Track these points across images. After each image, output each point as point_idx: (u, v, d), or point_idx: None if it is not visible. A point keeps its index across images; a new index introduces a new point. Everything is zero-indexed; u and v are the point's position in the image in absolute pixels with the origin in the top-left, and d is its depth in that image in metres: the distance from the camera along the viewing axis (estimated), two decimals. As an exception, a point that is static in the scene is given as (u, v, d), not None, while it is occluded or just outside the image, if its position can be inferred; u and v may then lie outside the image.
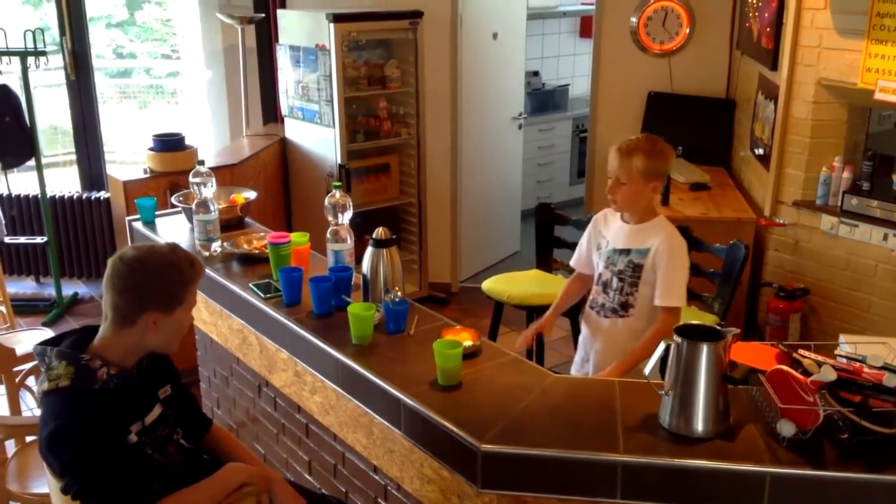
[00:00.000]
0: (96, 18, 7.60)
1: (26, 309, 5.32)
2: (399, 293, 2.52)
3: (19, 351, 3.50)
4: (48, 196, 5.31)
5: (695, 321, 2.04)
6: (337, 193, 2.76)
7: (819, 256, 4.08)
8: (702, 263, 3.78)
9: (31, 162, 5.17)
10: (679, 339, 1.94)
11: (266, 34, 5.55)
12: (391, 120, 5.27)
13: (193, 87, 6.47)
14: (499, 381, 2.21)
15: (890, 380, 1.84)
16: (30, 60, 4.93)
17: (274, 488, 2.24)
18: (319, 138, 5.10)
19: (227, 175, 4.49)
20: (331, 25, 4.74)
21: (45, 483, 2.38)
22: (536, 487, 1.93)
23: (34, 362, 3.41)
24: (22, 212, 5.62)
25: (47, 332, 3.91)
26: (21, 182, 5.81)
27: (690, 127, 5.22)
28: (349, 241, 2.75)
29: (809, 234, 4.11)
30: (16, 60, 4.94)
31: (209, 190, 3.08)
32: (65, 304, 5.41)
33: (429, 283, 5.60)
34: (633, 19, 5.29)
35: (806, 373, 1.92)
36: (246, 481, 2.17)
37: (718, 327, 1.99)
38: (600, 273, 2.83)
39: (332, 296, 2.59)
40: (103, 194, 5.57)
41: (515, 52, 6.24)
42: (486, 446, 1.92)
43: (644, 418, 2.01)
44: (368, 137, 5.19)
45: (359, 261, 2.67)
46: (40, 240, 5.39)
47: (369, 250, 2.57)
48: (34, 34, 4.88)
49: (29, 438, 3.00)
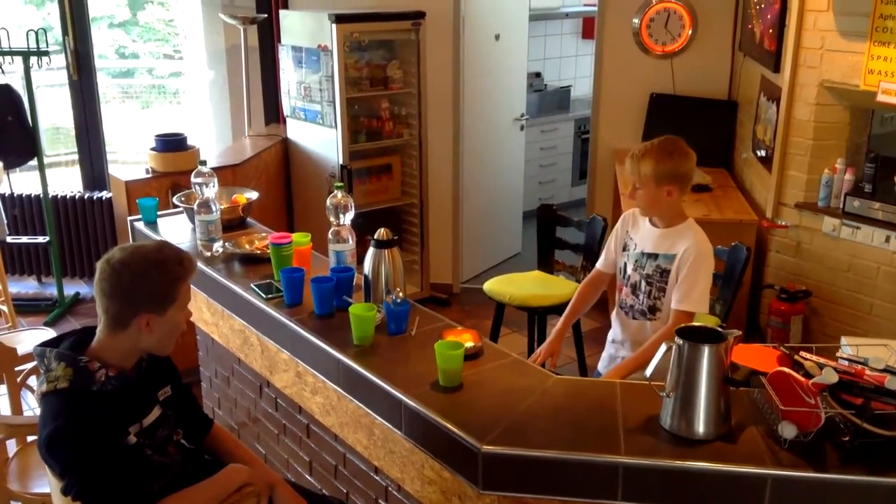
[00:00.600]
0: (99, 18, 7.61)
1: (28, 308, 5.33)
2: (400, 294, 2.51)
3: (21, 350, 3.50)
4: (50, 196, 5.31)
5: (696, 323, 2.04)
6: (339, 194, 2.75)
7: (821, 258, 4.08)
8: (703, 265, 3.78)
9: (34, 162, 5.17)
10: (680, 341, 1.94)
11: (268, 34, 5.55)
12: (393, 121, 5.27)
13: (196, 88, 6.48)
14: (500, 383, 2.21)
15: (892, 382, 1.84)
16: (32, 60, 4.94)
17: (275, 489, 2.24)
18: (321, 139, 5.10)
19: (229, 175, 4.50)
20: (333, 26, 4.74)
21: (47, 483, 2.39)
22: (537, 489, 1.92)
23: (35, 362, 3.41)
24: (24, 211, 5.62)
25: (49, 332, 3.91)
26: (23, 182, 5.82)
27: (692, 128, 5.19)
28: (351, 242, 2.75)
29: (811, 236, 4.11)
30: (18, 60, 4.95)
31: (211, 190, 3.08)
32: (66, 304, 5.41)
33: (430, 284, 5.60)
34: (636, 21, 5.29)
35: (807, 375, 1.92)
36: (247, 482, 2.17)
37: (720, 329, 1.99)
38: (629, 275, 2.83)
39: (334, 296, 2.59)
40: (105, 194, 5.58)
41: (518, 53, 6.24)
42: (488, 447, 1.92)
43: (645, 420, 2.00)
44: (370, 138, 5.19)
45: (360, 261, 2.67)
46: (42, 239, 5.40)
47: (371, 251, 2.57)
48: (37, 34, 4.88)
49: (30, 438, 3.00)
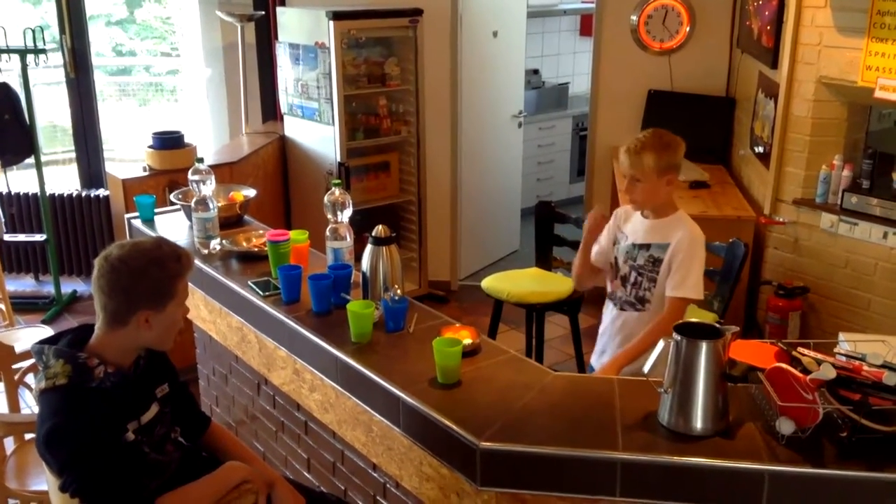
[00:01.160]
0: (96, 16, 7.60)
1: (25, 306, 5.32)
2: (398, 291, 2.51)
3: (18, 348, 3.49)
4: (47, 194, 5.31)
5: (694, 319, 2.04)
6: (336, 191, 2.75)
7: (819, 254, 4.08)
8: (701, 261, 3.78)
9: (31, 160, 5.16)
10: (678, 337, 1.94)
11: (266, 32, 5.54)
12: (391, 118, 5.27)
13: (193, 85, 6.48)
14: (498, 379, 2.21)
15: (889, 378, 1.84)
16: (29, 58, 4.93)
17: (273, 486, 2.24)
18: (319, 136, 5.10)
19: (227, 173, 4.49)
20: (330, 23, 4.74)
21: (44, 480, 2.38)
22: (535, 485, 1.92)
23: (33, 360, 3.41)
24: (21, 210, 5.62)
25: (46, 330, 3.90)
26: (20, 180, 5.81)
27: (690, 125, 5.18)
28: (348, 239, 2.75)
29: (809, 233, 4.11)
30: (15, 58, 4.94)
31: (208, 188, 3.08)
32: (64, 302, 5.41)
33: (428, 281, 5.60)
34: (634, 17, 5.28)
35: (805, 371, 1.92)
36: (245, 479, 2.17)
37: (718, 325, 1.99)
38: (619, 267, 2.86)
39: (332, 294, 2.59)
40: (102, 192, 5.57)
41: (515, 50, 6.23)
42: (486, 444, 1.92)
43: (643, 416, 2.00)
44: (368, 135, 5.19)
45: (358, 259, 2.67)
46: (39, 237, 5.39)
47: (369, 248, 2.57)
48: (34, 32, 4.87)
49: (28, 436, 3.00)
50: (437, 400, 2.09)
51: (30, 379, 3.63)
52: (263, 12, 5.36)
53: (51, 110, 6.79)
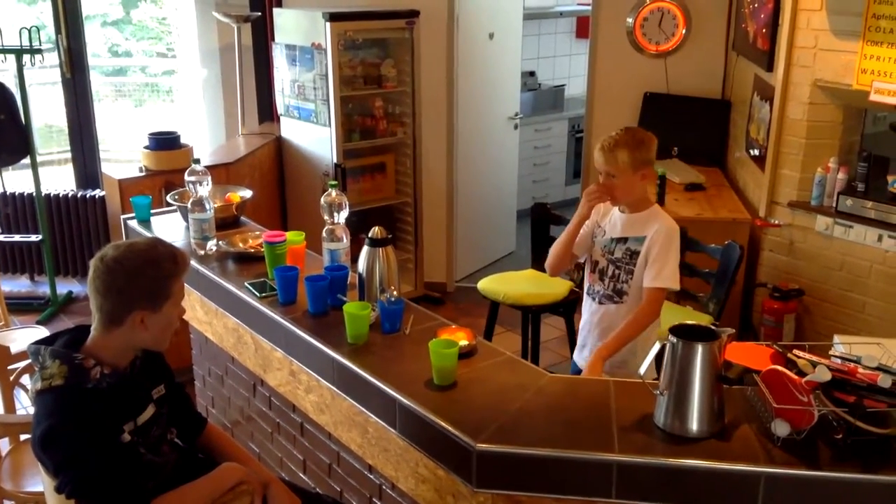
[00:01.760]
0: (92, 17, 7.59)
1: (21, 307, 5.31)
2: (395, 292, 2.52)
3: (14, 349, 3.49)
4: (43, 194, 5.30)
5: (690, 321, 2.05)
6: (333, 192, 2.75)
7: (814, 257, 4.09)
8: (697, 264, 3.79)
9: (26, 160, 5.15)
10: (674, 339, 1.94)
11: (262, 33, 5.54)
12: (387, 119, 5.27)
13: (189, 86, 6.47)
14: (494, 381, 2.21)
15: (884, 380, 1.84)
16: (25, 58, 4.92)
17: (269, 488, 2.24)
18: (315, 137, 5.10)
19: (223, 174, 4.49)
20: (327, 24, 4.74)
21: (40, 481, 2.38)
22: (531, 487, 1.93)
23: (28, 360, 3.40)
24: (17, 210, 5.60)
25: (42, 331, 3.90)
26: (16, 180, 5.79)
27: (686, 127, 5.23)
28: (345, 241, 2.75)
29: (804, 235, 4.12)
30: (11, 58, 4.93)
31: (205, 188, 3.08)
32: (59, 303, 5.39)
33: (424, 283, 5.60)
34: (630, 20, 5.29)
35: (800, 373, 1.92)
36: (241, 480, 2.16)
37: (713, 327, 1.99)
38: (597, 261, 2.89)
39: (328, 295, 2.59)
40: (98, 192, 5.56)
41: (512, 52, 6.24)
42: (482, 446, 1.92)
43: (639, 418, 2.01)
44: (364, 137, 5.19)
45: (354, 260, 2.67)
46: (35, 238, 5.38)
47: (365, 249, 2.57)
48: (30, 32, 4.86)
49: (23, 437, 2.99)
50: (434, 401, 2.10)
51: (25, 380, 3.63)
52: (260, 13, 5.36)
53: (47, 110, 6.77)
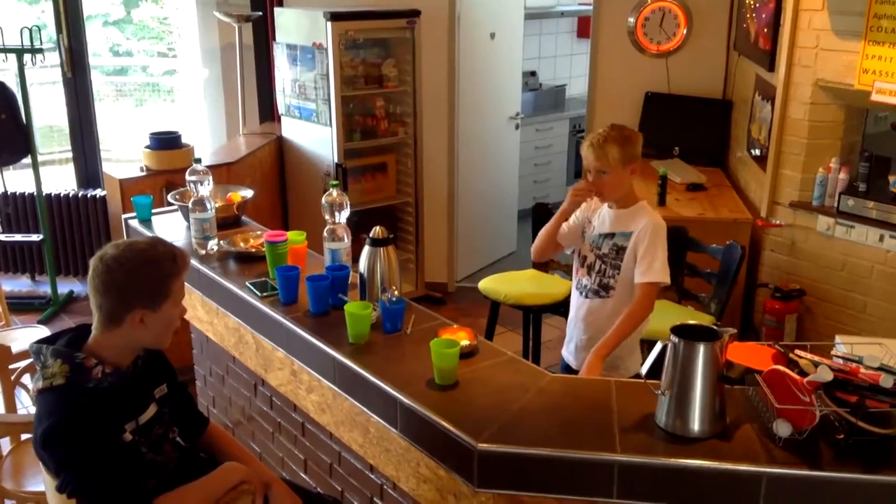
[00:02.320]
0: (93, 17, 7.60)
1: (22, 307, 5.31)
2: (396, 292, 2.51)
3: (15, 349, 3.49)
4: (44, 194, 5.30)
5: (691, 321, 2.04)
6: (334, 192, 2.75)
7: (815, 257, 4.09)
8: (698, 264, 3.79)
9: (27, 159, 5.15)
10: (676, 339, 1.94)
11: (263, 32, 5.54)
12: (388, 119, 5.27)
13: (190, 86, 6.47)
14: (495, 381, 2.21)
15: (886, 380, 1.84)
16: (26, 58, 4.92)
17: (270, 487, 2.24)
18: (316, 137, 5.10)
19: (224, 173, 4.49)
20: (328, 24, 4.74)
21: (41, 481, 2.38)
22: (533, 487, 1.93)
23: (30, 360, 3.40)
24: (18, 209, 5.60)
25: (43, 330, 3.90)
26: (17, 180, 5.80)
27: (687, 127, 5.22)
28: (346, 240, 2.75)
29: (806, 235, 4.12)
30: (12, 58, 4.93)
31: (206, 188, 3.08)
32: (60, 302, 5.40)
33: (425, 283, 5.60)
34: (631, 20, 5.29)
35: (802, 373, 1.92)
36: (243, 480, 2.17)
37: (715, 327, 1.99)
38: (585, 256, 2.93)
39: (329, 294, 2.59)
40: (99, 192, 5.56)
41: (513, 52, 6.24)
42: (483, 445, 1.92)
43: (641, 418, 2.01)
44: (365, 136, 5.18)
45: (356, 260, 2.67)
46: (36, 237, 5.38)
47: (366, 249, 2.57)
48: (31, 31, 4.87)
49: (24, 436, 2.99)
50: (435, 401, 2.09)
51: (26, 379, 3.63)
52: (261, 13, 5.36)
53: (47, 110, 6.78)
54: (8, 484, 2.78)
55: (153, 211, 3.51)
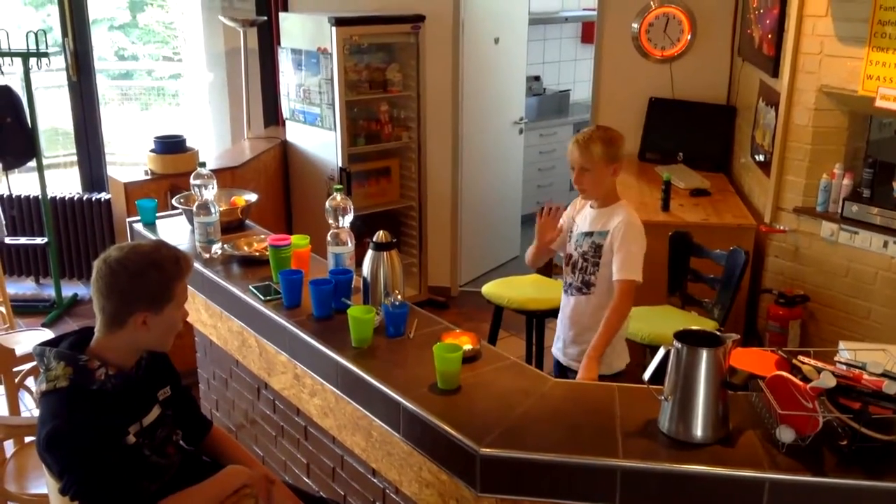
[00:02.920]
0: (99, 21, 7.61)
1: (26, 310, 5.32)
2: (399, 296, 2.52)
3: (19, 351, 3.50)
4: (49, 197, 5.31)
5: (695, 327, 2.04)
6: (338, 196, 2.76)
7: (819, 263, 4.08)
8: (702, 269, 3.79)
9: (32, 163, 5.17)
10: (679, 345, 1.94)
11: (268, 37, 5.55)
12: (392, 124, 5.28)
13: (195, 90, 6.48)
14: (498, 385, 2.21)
15: (889, 387, 1.84)
16: (32, 61, 4.94)
17: (273, 491, 2.24)
18: (320, 141, 5.11)
19: (228, 177, 4.50)
20: (333, 29, 4.75)
21: (44, 484, 2.38)
22: (535, 492, 1.93)
23: (33, 363, 3.41)
24: (22, 212, 5.62)
25: (47, 333, 3.91)
26: (22, 183, 5.82)
27: (691, 133, 5.22)
28: (349, 245, 2.75)
29: (809, 241, 4.11)
30: (18, 61, 4.96)
31: (210, 192, 3.09)
32: (64, 305, 5.41)
33: (429, 287, 5.60)
34: (635, 25, 5.30)
35: (805, 379, 1.92)
36: (246, 483, 2.17)
37: (718, 333, 1.99)
38: (570, 254, 3.05)
39: (332, 299, 2.59)
40: (104, 195, 5.58)
41: (517, 57, 6.24)
42: (486, 450, 1.92)
43: (643, 423, 2.01)
44: (369, 141, 5.19)
45: (359, 264, 2.67)
46: (40, 240, 5.40)
47: (370, 253, 2.57)
48: (36, 35, 4.88)
49: (28, 439, 3.00)
50: (437, 406, 2.10)
51: (30, 382, 3.65)
52: (266, 17, 5.38)
53: (53, 113, 6.80)
54: (11, 487, 2.78)
55: (158, 214, 3.52)
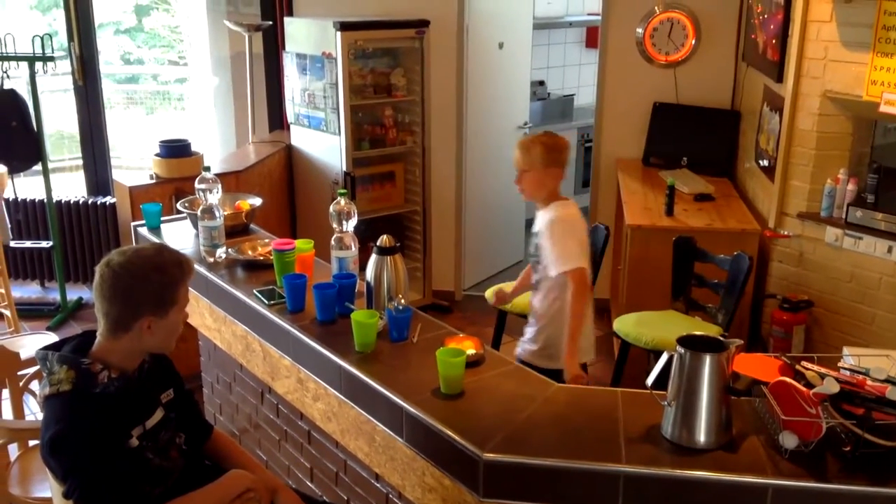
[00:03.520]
0: (105, 25, 7.65)
1: (31, 313, 5.34)
2: (402, 301, 2.52)
3: (23, 355, 3.50)
4: (54, 201, 5.33)
5: (698, 332, 2.04)
6: (342, 201, 2.76)
7: (823, 268, 4.08)
8: (706, 274, 3.79)
9: (38, 166, 5.19)
10: (682, 350, 1.94)
11: (273, 41, 5.57)
12: (396, 128, 5.29)
13: (200, 94, 6.51)
14: (501, 390, 2.21)
15: (893, 393, 1.84)
16: (37, 65, 4.96)
17: (276, 495, 2.24)
18: (325, 146, 5.12)
19: (233, 181, 4.51)
20: (337, 34, 4.76)
21: (48, 487, 2.39)
22: (538, 497, 1.92)
23: (38, 366, 3.42)
24: (28, 216, 5.64)
25: (52, 337, 3.92)
26: (27, 186, 5.83)
27: (695, 138, 5.22)
28: (353, 249, 2.76)
29: (814, 246, 4.11)
30: (24, 65, 4.98)
31: (215, 196, 3.09)
32: (69, 309, 5.42)
33: (432, 291, 5.60)
34: (639, 30, 5.30)
35: (809, 385, 1.92)
36: (249, 487, 2.17)
37: (722, 338, 1.99)
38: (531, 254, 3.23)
39: (336, 303, 2.59)
40: (109, 199, 5.59)
41: (521, 62, 6.25)
42: (489, 455, 1.92)
43: (646, 429, 2.00)
44: (374, 145, 5.20)
45: (363, 268, 2.68)
46: (46, 244, 5.41)
47: (373, 258, 2.57)
48: (42, 39, 4.90)
49: (32, 442, 3.00)
50: (441, 410, 2.10)
51: (35, 385, 3.65)
52: (271, 22, 5.39)
53: (58, 117, 6.82)
54: (15, 490, 2.79)
55: (162, 219, 3.53)
